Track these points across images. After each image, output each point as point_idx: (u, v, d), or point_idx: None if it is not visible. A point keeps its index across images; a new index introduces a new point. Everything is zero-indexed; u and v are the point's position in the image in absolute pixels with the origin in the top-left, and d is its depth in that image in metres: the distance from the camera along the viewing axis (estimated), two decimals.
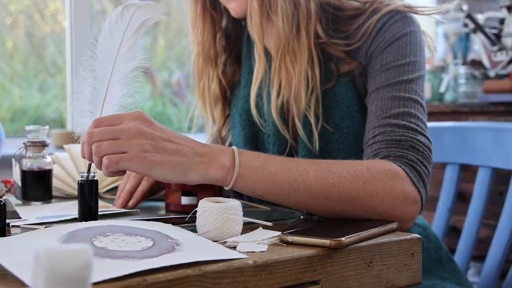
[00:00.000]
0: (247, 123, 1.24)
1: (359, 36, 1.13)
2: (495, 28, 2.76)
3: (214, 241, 0.79)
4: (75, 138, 0.91)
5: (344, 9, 1.16)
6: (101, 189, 1.20)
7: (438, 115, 2.62)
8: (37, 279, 0.48)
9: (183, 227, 0.84)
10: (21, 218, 0.89)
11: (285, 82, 1.14)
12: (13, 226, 0.86)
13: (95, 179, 0.89)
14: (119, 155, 0.83)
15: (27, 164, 1.08)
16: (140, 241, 0.73)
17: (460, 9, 2.89)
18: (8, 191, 1.25)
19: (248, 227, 0.88)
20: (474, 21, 2.76)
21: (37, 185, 1.08)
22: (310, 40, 1.13)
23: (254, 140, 1.24)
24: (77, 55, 2.58)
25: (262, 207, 1.09)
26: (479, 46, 2.85)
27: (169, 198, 1.04)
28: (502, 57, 2.69)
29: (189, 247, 0.73)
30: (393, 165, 0.97)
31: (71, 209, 1.03)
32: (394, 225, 0.91)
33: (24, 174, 1.08)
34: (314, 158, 1.15)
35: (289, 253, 0.75)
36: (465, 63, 2.84)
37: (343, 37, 1.15)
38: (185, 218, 0.89)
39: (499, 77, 2.67)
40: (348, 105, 1.14)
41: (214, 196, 1.02)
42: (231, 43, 1.31)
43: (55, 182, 1.17)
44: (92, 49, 0.92)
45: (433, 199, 1.61)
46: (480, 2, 3.27)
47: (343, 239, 0.78)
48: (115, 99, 0.91)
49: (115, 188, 1.21)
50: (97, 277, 0.60)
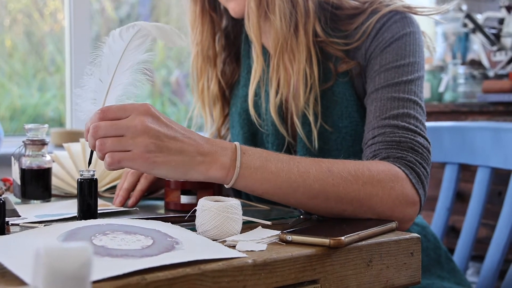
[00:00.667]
0: (246, 122, 1.24)
1: (358, 35, 1.13)
2: (494, 28, 2.76)
3: (213, 240, 0.79)
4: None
5: (343, 8, 1.16)
6: (100, 187, 1.19)
7: (437, 115, 2.62)
8: (37, 278, 0.48)
9: (182, 226, 0.84)
10: (20, 216, 0.89)
11: (284, 80, 1.14)
12: (13, 224, 0.86)
13: (94, 177, 0.89)
14: (122, 153, 0.82)
15: (27, 162, 1.07)
16: (139, 240, 0.73)
17: (459, 9, 2.89)
18: (7, 190, 1.25)
19: (247, 226, 0.88)
20: (473, 21, 2.76)
21: (36, 184, 1.08)
22: (308, 38, 1.13)
23: (253, 139, 1.24)
24: (76, 54, 2.58)
25: (261, 206, 1.09)
26: (478, 46, 2.85)
27: (169, 197, 1.04)
28: (501, 57, 2.69)
29: (189, 246, 0.73)
30: (393, 167, 0.97)
31: (70, 207, 1.02)
32: (393, 225, 0.91)
33: (23, 172, 1.08)
34: (313, 157, 1.15)
35: (288, 252, 0.75)
36: (464, 63, 2.84)
37: (342, 36, 1.15)
38: (185, 217, 0.89)
39: (498, 77, 2.67)
40: (346, 105, 1.14)
41: (213, 195, 1.02)
42: (230, 42, 1.31)
43: (54, 180, 1.16)
44: (100, 48, 0.92)
45: (432, 199, 1.61)
46: (479, 2, 3.27)
47: (343, 238, 0.78)
48: (120, 86, 0.91)
49: (114, 187, 1.21)
50: (96, 276, 0.60)
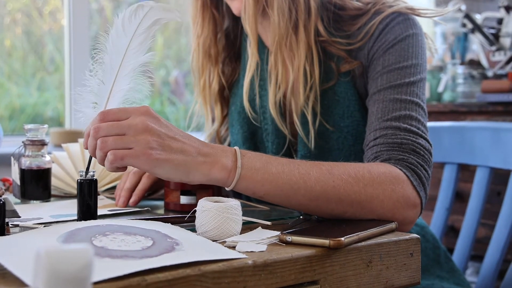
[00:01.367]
0: (245, 121, 1.24)
1: (361, 36, 1.13)
2: (493, 28, 2.76)
3: (213, 241, 0.79)
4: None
5: (346, 8, 1.16)
6: (100, 187, 1.19)
7: (436, 114, 2.62)
8: (37, 279, 0.48)
9: (182, 227, 0.84)
10: (20, 217, 0.89)
11: (282, 77, 1.14)
12: (13, 225, 0.86)
13: (94, 178, 0.89)
14: (124, 151, 0.82)
15: (26, 162, 1.07)
16: (139, 241, 0.73)
17: (458, 9, 2.89)
18: (6, 190, 1.25)
19: (247, 227, 0.88)
20: (472, 21, 2.76)
21: (36, 184, 1.08)
22: (309, 36, 1.13)
23: (252, 138, 1.25)
24: (75, 53, 2.58)
25: (261, 206, 1.09)
26: (477, 46, 2.85)
27: (168, 197, 1.04)
28: (500, 57, 2.69)
29: (189, 247, 0.73)
30: (394, 169, 0.97)
31: (70, 207, 1.02)
32: (393, 225, 0.91)
33: (23, 172, 1.08)
34: (313, 156, 1.15)
35: (288, 253, 0.75)
36: (463, 63, 2.84)
37: (344, 36, 1.15)
38: (185, 217, 0.89)
39: (497, 77, 2.67)
40: (348, 105, 1.14)
41: (213, 195, 1.02)
42: (230, 42, 1.31)
43: (53, 181, 1.16)
44: (102, 42, 0.91)
45: (431, 199, 1.60)
46: (478, 2, 3.27)
47: (342, 239, 0.78)
48: (121, 92, 0.91)
49: (113, 187, 1.21)
50: (97, 277, 0.60)
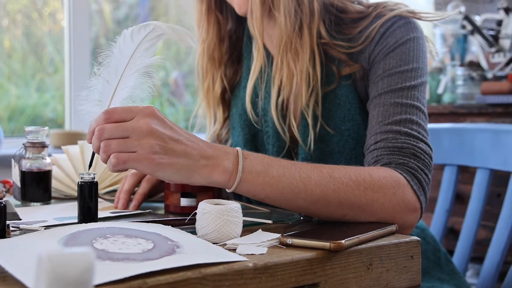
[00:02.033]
0: (247, 124, 1.24)
1: (362, 39, 1.13)
2: (492, 29, 2.76)
3: (213, 243, 0.79)
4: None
5: (347, 11, 1.16)
6: (100, 190, 1.19)
7: (436, 116, 2.62)
8: (39, 283, 0.48)
9: (182, 229, 0.84)
10: (21, 219, 0.89)
11: (286, 79, 1.14)
12: (13, 227, 0.86)
13: (95, 180, 0.89)
14: (127, 154, 0.82)
15: (27, 165, 1.07)
16: (140, 244, 0.73)
17: (458, 11, 2.89)
18: (7, 192, 1.25)
19: (247, 229, 0.88)
20: (471, 22, 2.76)
21: (37, 186, 1.08)
22: (312, 38, 1.13)
23: (253, 140, 1.25)
24: (75, 55, 2.58)
25: (261, 209, 1.09)
26: (476, 47, 2.85)
27: (168, 199, 1.04)
28: (499, 59, 2.69)
29: (189, 250, 0.73)
30: (394, 173, 0.97)
31: (71, 210, 1.02)
32: (393, 228, 0.91)
33: (23, 175, 1.07)
34: (314, 159, 1.15)
35: (289, 255, 0.75)
36: (463, 65, 2.85)
37: (345, 40, 1.15)
38: (185, 220, 0.89)
39: (497, 78, 2.68)
40: (349, 108, 1.14)
41: (213, 197, 1.02)
42: (232, 44, 1.31)
43: (53, 183, 1.16)
44: (109, 48, 0.91)
45: (431, 201, 1.60)
46: (477, 3, 3.27)
47: (343, 241, 0.78)
48: (125, 89, 0.91)
49: (114, 190, 1.21)
50: (97, 280, 0.60)
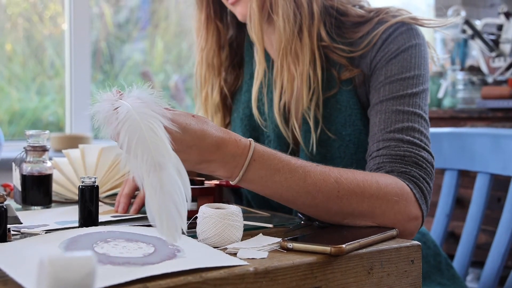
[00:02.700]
0: (248, 128, 1.24)
1: (363, 44, 1.13)
2: (493, 34, 2.77)
3: (214, 247, 0.79)
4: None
5: (348, 15, 1.16)
6: (101, 194, 1.19)
7: (436, 120, 2.62)
8: (41, 287, 0.48)
9: (183, 233, 0.84)
10: (22, 223, 0.89)
11: (287, 82, 1.14)
12: (14, 231, 0.86)
13: (95, 184, 0.89)
14: None
15: (27, 168, 1.07)
16: (141, 248, 0.73)
17: (457, 15, 2.90)
18: (7, 195, 1.25)
19: (248, 234, 0.88)
20: (472, 27, 2.77)
21: (37, 190, 1.08)
22: (312, 41, 1.13)
23: None
24: (76, 58, 2.58)
25: (262, 213, 1.09)
26: (477, 52, 2.85)
27: None
28: (500, 63, 2.70)
29: (190, 254, 0.73)
30: (399, 181, 0.98)
31: (71, 213, 1.02)
32: (394, 232, 0.91)
33: (24, 178, 1.08)
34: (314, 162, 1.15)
35: (289, 260, 0.75)
36: (463, 69, 2.85)
37: (346, 44, 1.15)
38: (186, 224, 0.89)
39: (497, 83, 2.68)
40: (350, 113, 1.14)
41: (214, 202, 1.02)
42: (233, 50, 1.31)
43: (54, 186, 1.16)
44: None
45: (431, 205, 1.59)
46: (478, 8, 3.28)
47: (344, 246, 0.78)
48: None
49: (114, 194, 1.21)
50: (99, 284, 0.60)
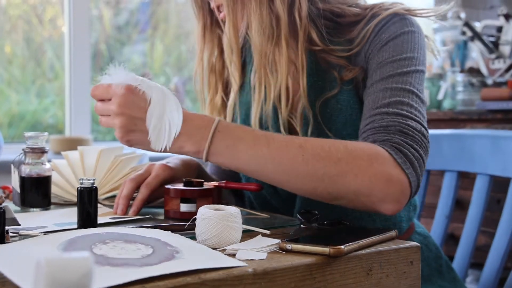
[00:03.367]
0: None
1: (358, 40, 1.13)
2: (492, 36, 2.77)
3: (213, 249, 0.79)
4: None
5: (345, 15, 1.16)
6: (100, 195, 1.19)
7: (436, 122, 2.63)
8: (38, 287, 0.48)
9: (182, 235, 0.84)
10: (20, 225, 0.89)
11: (267, 91, 1.14)
12: (12, 233, 0.86)
13: (94, 186, 0.89)
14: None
15: (26, 170, 1.07)
16: (139, 249, 0.73)
17: (458, 17, 2.90)
18: (6, 197, 1.25)
19: (247, 235, 0.88)
20: (472, 29, 2.77)
21: (36, 192, 1.08)
22: (294, 49, 1.14)
23: None
24: (75, 60, 2.58)
25: (261, 214, 1.09)
26: (477, 54, 2.86)
27: (168, 205, 1.04)
28: (499, 65, 2.70)
29: (189, 255, 0.73)
30: (375, 147, 0.96)
31: (70, 215, 1.02)
32: (393, 233, 0.91)
33: (23, 180, 1.07)
34: None
35: (288, 261, 0.75)
36: (463, 71, 2.85)
37: (343, 43, 1.15)
38: (184, 225, 0.89)
39: (497, 84, 2.68)
40: (350, 113, 1.13)
41: (213, 203, 1.02)
42: None
43: (53, 188, 1.16)
44: None
45: (431, 206, 1.61)
46: (478, 10, 3.28)
47: (342, 247, 0.78)
48: None
49: (113, 196, 1.21)
50: (97, 285, 0.60)
